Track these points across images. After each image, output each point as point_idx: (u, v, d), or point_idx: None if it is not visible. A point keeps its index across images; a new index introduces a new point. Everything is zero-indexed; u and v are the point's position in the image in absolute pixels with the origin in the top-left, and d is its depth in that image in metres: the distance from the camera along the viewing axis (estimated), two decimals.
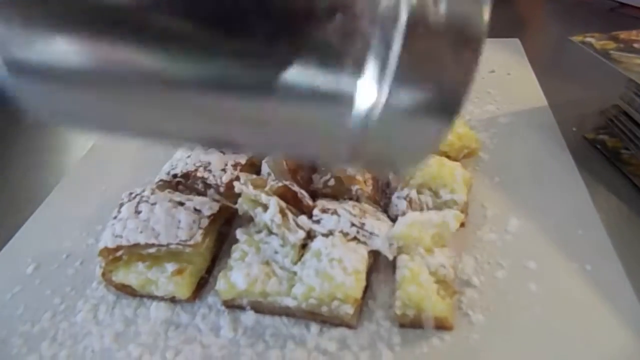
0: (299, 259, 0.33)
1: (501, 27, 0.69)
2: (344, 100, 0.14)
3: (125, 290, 0.35)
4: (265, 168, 0.39)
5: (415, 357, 0.30)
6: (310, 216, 0.34)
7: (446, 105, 0.16)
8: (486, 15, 0.15)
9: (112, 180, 0.46)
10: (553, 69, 0.58)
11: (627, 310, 0.31)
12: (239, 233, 0.35)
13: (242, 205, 0.35)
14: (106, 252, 0.33)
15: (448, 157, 0.41)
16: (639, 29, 0.47)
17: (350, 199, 0.37)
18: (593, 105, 0.50)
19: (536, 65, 0.58)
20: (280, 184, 0.35)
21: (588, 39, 0.45)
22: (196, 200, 0.36)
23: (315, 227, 0.34)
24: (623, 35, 0.46)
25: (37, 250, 0.39)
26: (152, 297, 0.34)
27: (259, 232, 0.35)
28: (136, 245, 0.33)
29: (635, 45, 0.44)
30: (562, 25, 0.71)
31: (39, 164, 0.52)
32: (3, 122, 0.57)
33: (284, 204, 0.34)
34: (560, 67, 0.59)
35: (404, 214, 0.35)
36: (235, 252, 0.34)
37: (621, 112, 0.45)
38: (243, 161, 0.40)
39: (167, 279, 0.33)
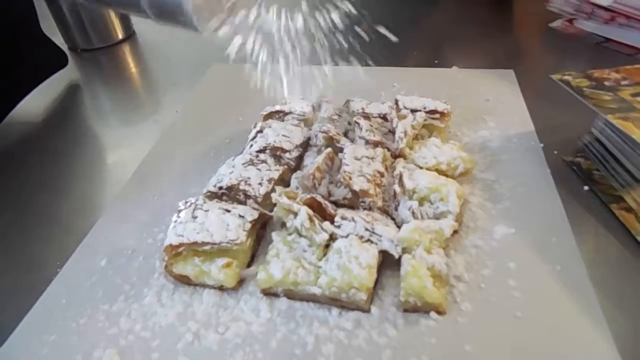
0: (323, 256, 0.41)
1: (498, 59, 0.77)
2: None
3: (182, 279, 0.43)
4: (294, 183, 0.48)
5: (414, 334, 0.38)
6: (332, 222, 0.43)
7: None
8: None
9: (162, 190, 0.55)
10: (542, 98, 0.65)
11: (587, 302, 0.38)
12: (275, 235, 0.43)
13: (277, 213, 0.43)
14: (170, 248, 0.42)
15: (446, 175, 0.49)
16: (612, 68, 0.55)
17: (365, 209, 0.46)
18: (574, 131, 0.57)
19: (527, 95, 0.66)
20: (308, 196, 0.43)
21: (566, 77, 0.53)
22: (239, 208, 0.45)
23: (336, 230, 0.42)
24: (597, 73, 0.54)
25: (107, 248, 0.48)
26: (204, 286, 0.42)
27: (291, 234, 0.43)
28: (194, 243, 0.41)
29: (606, 83, 0.52)
30: (555, 57, 0.79)
31: (99, 176, 0.61)
32: (70, 143, 0.67)
33: (311, 212, 0.42)
34: (548, 97, 0.66)
35: (408, 221, 0.43)
36: (272, 250, 0.42)
37: (594, 139, 0.53)
38: (276, 177, 0.49)
39: (217, 271, 0.41)
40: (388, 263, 0.42)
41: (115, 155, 0.66)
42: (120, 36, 0.94)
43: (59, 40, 0.87)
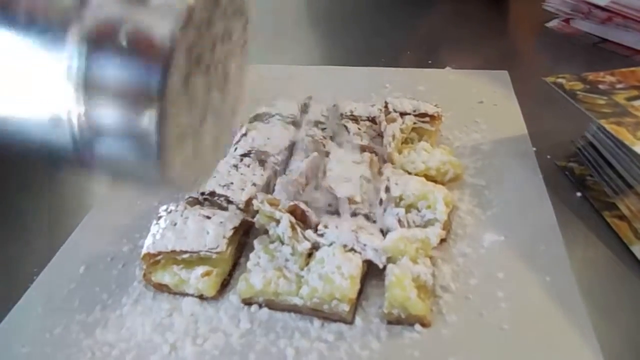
0: (306, 265, 0.40)
1: (493, 59, 0.76)
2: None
3: (162, 288, 0.42)
4: (278, 189, 0.46)
5: (398, 347, 0.36)
6: (315, 230, 0.41)
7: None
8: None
9: (144, 196, 0.54)
10: (537, 100, 0.63)
11: (575, 315, 0.37)
12: (256, 243, 0.42)
13: (259, 220, 0.42)
14: (148, 256, 0.40)
15: (435, 181, 0.48)
16: (607, 71, 0.54)
17: (350, 215, 0.44)
18: (568, 135, 0.55)
19: (521, 96, 0.64)
20: (291, 203, 0.42)
21: (559, 80, 0.52)
22: (220, 215, 0.43)
23: (319, 239, 0.41)
24: (591, 76, 0.53)
25: (86, 254, 0.46)
26: (184, 295, 0.41)
27: (273, 242, 0.42)
28: (173, 251, 0.40)
29: (600, 86, 0.51)
30: (550, 58, 0.78)
31: (82, 178, 0.60)
32: None
33: (294, 220, 0.41)
34: (543, 99, 0.65)
35: (394, 229, 0.42)
36: (253, 259, 0.41)
37: (588, 143, 0.51)
38: (260, 182, 0.47)
39: (197, 280, 0.40)
40: (373, 273, 0.41)
41: None
42: None
43: None
